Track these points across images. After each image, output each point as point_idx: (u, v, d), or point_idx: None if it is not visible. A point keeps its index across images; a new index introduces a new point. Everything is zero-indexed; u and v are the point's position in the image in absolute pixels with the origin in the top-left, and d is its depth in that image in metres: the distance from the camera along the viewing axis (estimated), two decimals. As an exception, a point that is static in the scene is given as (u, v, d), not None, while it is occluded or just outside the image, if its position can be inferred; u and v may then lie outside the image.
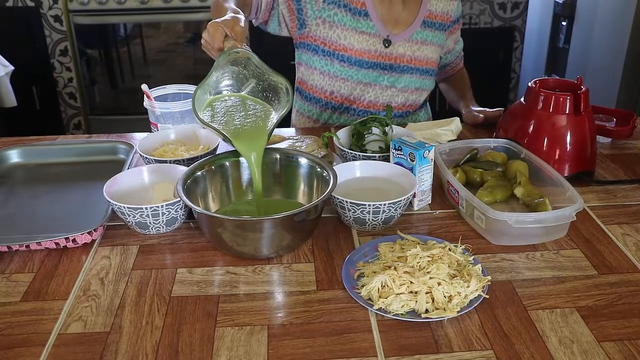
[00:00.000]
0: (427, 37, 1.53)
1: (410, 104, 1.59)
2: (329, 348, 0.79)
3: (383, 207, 1.01)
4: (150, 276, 0.95)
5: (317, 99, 1.58)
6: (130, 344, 0.81)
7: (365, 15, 1.48)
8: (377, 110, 1.56)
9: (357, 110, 1.57)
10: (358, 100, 1.55)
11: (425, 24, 1.53)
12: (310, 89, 1.58)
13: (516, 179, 1.15)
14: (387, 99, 1.55)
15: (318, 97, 1.57)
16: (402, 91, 1.55)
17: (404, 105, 1.58)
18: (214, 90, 1.08)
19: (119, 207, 1.01)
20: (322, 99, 1.57)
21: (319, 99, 1.57)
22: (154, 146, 1.27)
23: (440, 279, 0.87)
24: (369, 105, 1.56)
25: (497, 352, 0.79)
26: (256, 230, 0.95)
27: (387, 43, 1.50)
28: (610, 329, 0.83)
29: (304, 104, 1.62)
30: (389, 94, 1.55)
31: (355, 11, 1.48)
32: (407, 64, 1.52)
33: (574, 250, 1.01)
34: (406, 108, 1.59)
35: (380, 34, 1.49)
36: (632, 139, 1.43)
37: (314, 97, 1.58)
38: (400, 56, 1.51)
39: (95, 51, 3.25)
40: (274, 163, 1.12)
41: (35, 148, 1.35)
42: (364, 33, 1.49)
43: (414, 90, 1.57)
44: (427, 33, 1.53)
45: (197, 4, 3.10)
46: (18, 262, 0.98)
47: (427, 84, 1.60)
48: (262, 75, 1.10)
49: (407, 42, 1.51)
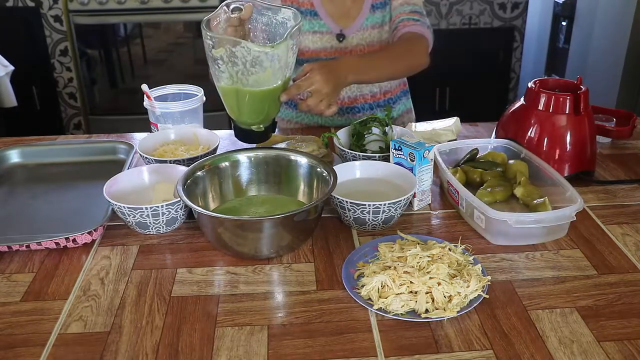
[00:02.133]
0: (377, 20, 1.52)
1: (386, 90, 1.59)
2: (329, 348, 0.80)
3: (383, 207, 1.01)
4: (151, 276, 0.95)
5: (295, 104, 1.60)
6: (130, 344, 0.81)
7: (315, 15, 1.50)
8: (360, 105, 1.58)
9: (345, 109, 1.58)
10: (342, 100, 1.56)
11: (374, 8, 1.52)
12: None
13: (516, 179, 1.15)
14: (362, 91, 1.56)
15: (296, 102, 1.57)
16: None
17: (382, 92, 1.59)
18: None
19: (119, 207, 1.01)
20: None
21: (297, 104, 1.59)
22: (154, 146, 1.27)
23: (440, 279, 0.87)
24: (350, 101, 1.57)
25: (497, 352, 0.79)
26: (256, 230, 0.95)
27: (340, 37, 1.51)
28: (610, 329, 0.83)
29: (287, 110, 1.63)
30: (360, 86, 1.55)
31: (304, 13, 1.50)
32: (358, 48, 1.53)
33: (573, 250, 1.01)
34: (386, 95, 1.60)
35: (332, 30, 1.51)
36: (632, 139, 1.43)
37: (293, 103, 1.60)
38: (354, 47, 1.52)
39: (95, 51, 3.25)
40: (274, 163, 1.12)
41: (35, 148, 1.35)
42: (317, 32, 1.51)
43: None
44: (376, 16, 1.52)
45: (197, 4, 3.10)
46: (18, 262, 0.98)
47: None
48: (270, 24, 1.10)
49: (359, 32, 1.52)
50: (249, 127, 1.13)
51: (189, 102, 1.32)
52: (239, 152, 1.12)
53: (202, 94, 1.36)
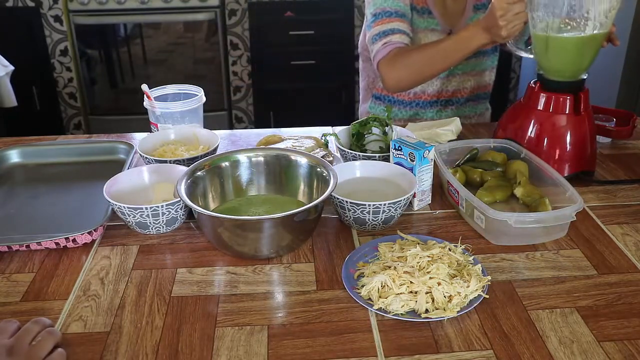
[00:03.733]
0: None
1: (480, 85, 1.66)
2: (329, 348, 0.80)
3: (383, 207, 1.01)
4: (150, 276, 0.95)
5: (401, 101, 1.64)
6: (130, 344, 0.81)
7: (429, 13, 1.54)
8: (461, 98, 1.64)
9: (440, 102, 1.63)
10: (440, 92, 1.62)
11: (476, 8, 1.57)
12: (391, 93, 1.65)
13: (516, 179, 1.15)
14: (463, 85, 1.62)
15: (402, 98, 1.64)
16: (472, 75, 1.62)
17: (478, 87, 1.65)
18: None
19: (119, 207, 1.01)
20: (404, 100, 1.64)
21: (402, 100, 1.64)
22: (154, 146, 1.27)
23: (440, 279, 0.87)
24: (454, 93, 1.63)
25: (497, 352, 0.79)
26: (256, 230, 0.95)
27: (450, 31, 1.55)
28: (610, 329, 0.83)
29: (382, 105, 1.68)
30: (461, 80, 1.61)
31: (421, 11, 1.53)
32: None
33: (573, 250, 1.01)
34: (479, 90, 1.66)
35: (443, 28, 1.55)
36: (632, 139, 1.43)
37: (399, 100, 1.65)
38: None
39: (95, 51, 3.25)
40: (274, 163, 1.12)
41: (35, 148, 1.35)
42: (434, 30, 1.55)
43: (481, 71, 1.64)
44: (479, 16, 1.56)
45: (197, 4, 3.10)
46: (18, 262, 0.98)
47: (488, 63, 1.65)
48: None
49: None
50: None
51: (189, 102, 1.32)
52: (239, 152, 1.12)
53: (202, 94, 1.36)
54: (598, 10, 1.12)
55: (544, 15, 1.16)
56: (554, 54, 1.19)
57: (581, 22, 1.13)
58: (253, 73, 3.26)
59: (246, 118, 3.45)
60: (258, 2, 3.08)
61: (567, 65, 1.20)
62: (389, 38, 1.48)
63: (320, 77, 3.26)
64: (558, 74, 1.21)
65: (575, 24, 1.14)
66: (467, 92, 1.65)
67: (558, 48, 1.18)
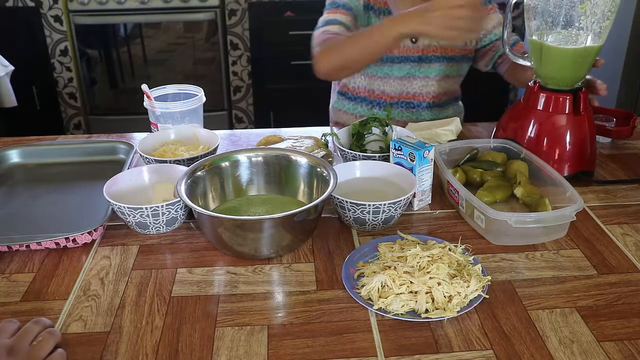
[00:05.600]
0: None
1: (446, 91, 1.65)
2: (329, 348, 0.80)
3: (383, 207, 1.01)
4: (150, 276, 0.95)
5: (362, 98, 1.65)
6: (130, 344, 0.81)
7: (389, 14, 1.53)
8: (422, 101, 1.63)
9: (401, 103, 1.63)
10: (401, 94, 1.62)
11: None
12: (354, 91, 1.66)
13: (516, 179, 1.15)
14: (426, 90, 1.62)
15: (364, 96, 1.65)
16: (436, 80, 1.61)
17: (444, 93, 1.65)
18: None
19: (119, 207, 1.01)
20: (367, 98, 1.65)
21: (364, 98, 1.65)
22: (154, 146, 1.27)
23: (440, 279, 0.87)
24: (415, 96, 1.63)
25: (497, 352, 0.79)
26: (256, 230, 0.95)
27: (413, 38, 1.54)
28: (610, 329, 0.83)
29: (350, 104, 1.69)
30: (423, 84, 1.61)
31: (379, 11, 1.53)
32: (433, 54, 1.57)
33: (573, 250, 1.01)
34: (445, 95, 1.66)
35: None
36: (632, 139, 1.43)
37: (359, 97, 1.66)
38: (426, 48, 1.57)
39: (95, 51, 3.25)
40: (274, 163, 1.12)
41: (35, 148, 1.35)
42: None
43: (446, 77, 1.63)
44: None
45: (197, 4, 3.10)
46: (18, 262, 0.98)
47: (455, 70, 1.64)
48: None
49: None
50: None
51: (189, 102, 1.32)
52: (239, 152, 1.12)
53: (202, 94, 1.36)
54: (592, 21, 1.12)
55: (539, 25, 1.17)
56: (548, 63, 1.20)
57: (575, 33, 1.14)
58: (253, 73, 3.26)
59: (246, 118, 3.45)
60: (258, 2, 3.08)
61: (561, 74, 1.20)
62: (327, 27, 1.49)
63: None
64: (553, 81, 1.22)
65: (568, 34, 1.15)
66: (431, 97, 1.63)
67: (552, 57, 1.19)
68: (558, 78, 1.21)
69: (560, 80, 1.21)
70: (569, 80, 1.20)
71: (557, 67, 1.20)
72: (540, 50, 1.19)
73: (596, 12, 1.11)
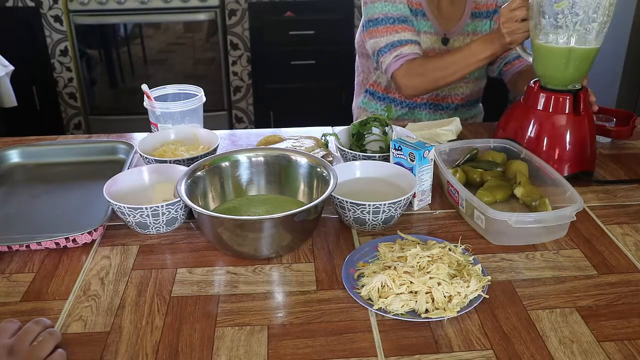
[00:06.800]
0: (476, 28, 1.59)
1: (472, 92, 1.67)
2: (329, 348, 0.80)
3: (383, 207, 1.01)
4: (150, 276, 0.95)
5: (391, 99, 1.66)
6: (130, 344, 0.81)
7: (423, 15, 1.54)
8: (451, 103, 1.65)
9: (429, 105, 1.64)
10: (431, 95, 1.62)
11: (473, 15, 1.58)
12: (385, 90, 1.66)
13: (516, 179, 1.15)
14: (455, 91, 1.63)
15: (392, 96, 1.65)
16: (465, 82, 1.62)
17: (471, 94, 1.66)
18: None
19: (119, 207, 1.01)
20: (396, 99, 1.65)
21: (394, 99, 1.65)
22: (154, 146, 1.27)
23: (440, 279, 0.87)
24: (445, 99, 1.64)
25: (497, 352, 0.79)
26: (256, 230, 0.95)
27: (445, 41, 1.56)
28: (610, 329, 0.83)
29: (377, 104, 1.69)
30: (453, 86, 1.61)
31: (415, 12, 1.53)
32: None
33: (573, 250, 1.01)
34: (471, 97, 1.67)
35: (437, 32, 1.56)
36: (632, 139, 1.43)
37: (389, 97, 1.66)
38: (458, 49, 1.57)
39: (95, 51, 3.25)
40: (274, 163, 1.12)
41: (35, 148, 1.35)
42: (427, 33, 1.55)
43: (475, 79, 1.65)
44: (475, 24, 1.59)
45: (197, 4, 3.10)
46: (18, 262, 0.98)
47: (482, 72, 1.67)
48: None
49: (461, 36, 1.58)
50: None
51: (189, 102, 1.32)
52: (239, 152, 1.12)
53: (202, 94, 1.36)
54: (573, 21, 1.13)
55: (538, 24, 1.17)
56: (540, 62, 1.21)
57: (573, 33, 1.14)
58: (253, 73, 3.26)
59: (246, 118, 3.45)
60: (258, 2, 3.08)
61: (552, 73, 1.21)
62: (400, 50, 1.48)
63: (320, 77, 3.26)
64: (544, 80, 1.22)
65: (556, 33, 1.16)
66: (459, 99, 1.65)
67: (542, 56, 1.20)
68: (549, 77, 1.22)
69: (552, 79, 1.21)
70: (560, 80, 1.20)
71: (548, 66, 1.21)
72: (539, 50, 1.20)
73: (578, 13, 1.11)
